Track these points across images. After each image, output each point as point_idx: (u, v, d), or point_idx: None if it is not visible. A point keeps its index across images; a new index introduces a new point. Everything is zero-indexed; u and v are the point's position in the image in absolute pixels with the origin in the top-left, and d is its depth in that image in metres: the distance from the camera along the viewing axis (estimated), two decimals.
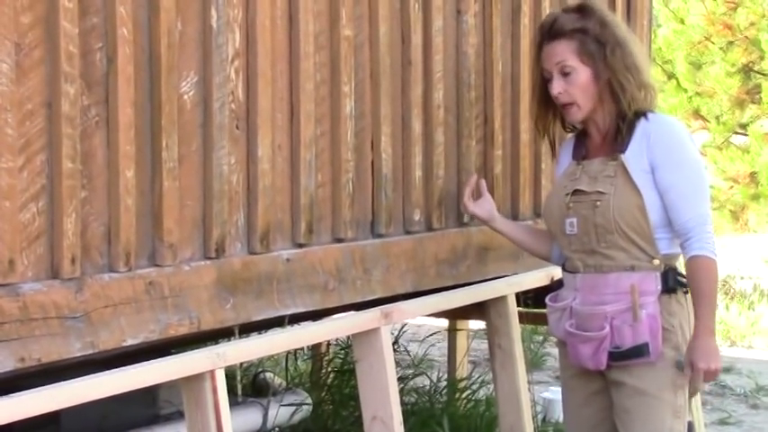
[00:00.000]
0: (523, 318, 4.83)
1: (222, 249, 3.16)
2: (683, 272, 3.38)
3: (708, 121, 13.47)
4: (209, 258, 3.13)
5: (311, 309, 3.43)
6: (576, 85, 3.31)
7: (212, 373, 2.88)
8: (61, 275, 2.75)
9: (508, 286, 4.03)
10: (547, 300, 3.53)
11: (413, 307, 3.67)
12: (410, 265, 3.79)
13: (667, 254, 3.36)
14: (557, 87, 3.33)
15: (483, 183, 3.81)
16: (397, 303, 3.59)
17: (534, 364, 7.82)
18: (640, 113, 3.33)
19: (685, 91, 13.45)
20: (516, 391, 3.99)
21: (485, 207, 3.76)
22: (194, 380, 2.89)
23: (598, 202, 3.31)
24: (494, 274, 4.04)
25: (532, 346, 7.92)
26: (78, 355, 2.78)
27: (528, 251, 3.77)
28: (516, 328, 4.04)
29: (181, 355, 2.92)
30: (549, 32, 3.34)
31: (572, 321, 3.40)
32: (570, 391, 3.54)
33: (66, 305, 2.75)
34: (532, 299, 4.62)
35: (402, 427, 3.47)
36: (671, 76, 13.58)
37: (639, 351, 3.30)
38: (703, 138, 13.84)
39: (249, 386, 4.66)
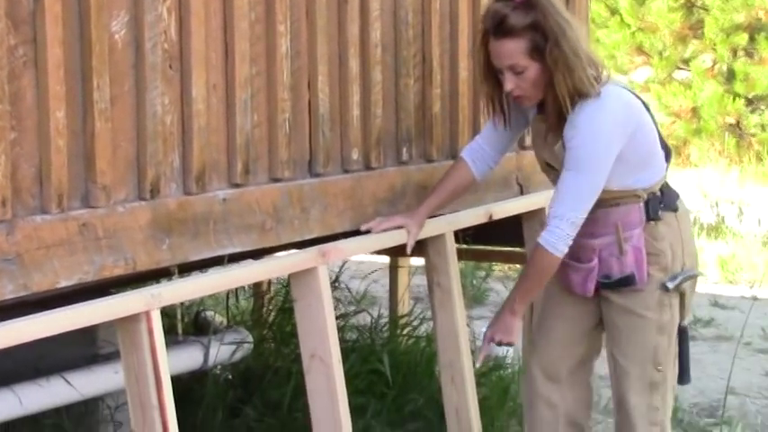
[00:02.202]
0: (463, 255, 4.91)
1: (157, 190, 3.12)
2: (674, 192, 3.62)
3: (651, 56, 13.51)
4: (144, 199, 3.09)
5: (249, 249, 3.41)
6: (527, 80, 3.43)
7: (148, 314, 2.86)
8: None
9: (446, 224, 4.02)
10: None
11: (350, 246, 3.65)
12: (348, 204, 3.77)
13: (647, 186, 3.57)
14: (509, 84, 3.45)
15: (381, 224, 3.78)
16: (334, 243, 3.57)
17: (476, 299, 7.86)
18: (586, 95, 3.41)
19: (628, 26, 13.46)
20: (455, 327, 4.00)
21: (410, 224, 3.76)
22: (129, 321, 2.87)
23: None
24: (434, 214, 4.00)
25: (474, 282, 7.99)
26: (10, 297, 2.75)
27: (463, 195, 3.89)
28: (455, 266, 4.03)
29: (115, 296, 2.90)
30: (497, 29, 3.40)
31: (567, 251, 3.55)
32: (548, 297, 3.78)
33: None
34: (472, 236, 4.67)
35: (341, 364, 3.48)
36: (614, 11, 13.56)
37: (626, 281, 3.58)
38: (646, 73, 13.89)
39: (191, 325, 4.66)
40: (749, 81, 12.85)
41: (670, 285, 3.59)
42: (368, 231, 3.76)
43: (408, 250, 3.77)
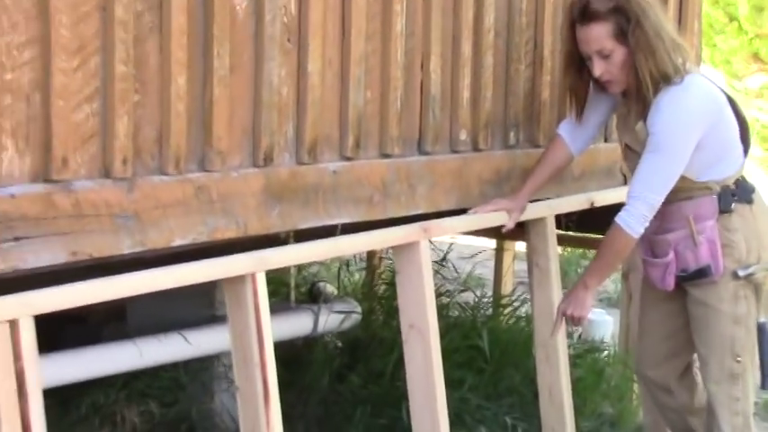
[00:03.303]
0: (565, 240, 4.81)
1: (270, 158, 3.04)
2: (750, 185, 3.52)
3: (766, 63, 13.10)
4: (258, 167, 3.02)
5: (356, 220, 3.32)
6: (615, 64, 3.35)
7: (253, 275, 2.79)
8: (113, 175, 2.65)
9: (547, 208, 3.90)
10: None
11: (451, 224, 3.56)
12: (455, 183, 3.67)
13: (720, 179, 3.46)
14: (598, 69, 3.37)
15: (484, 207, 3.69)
16: (436, 219, 3.47)
17: None
18: (672, 78, 3.32)
19: (746, 33, 13.09)
20: (551, 307, 3.86)
21: (512, 207, 3.68)
22: (236, 281, 2.81)
23: (637, 161, 3.40)
24: (536, 197, 3.86)
25: (579, 270, 7.85)
26: (128, 252, 2.69)
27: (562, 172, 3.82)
28: (554, 248, 3.92)
29: (224, 257, 2.81)
30: (582, 15, 3.35)
31: (645, 247, 3.58)
32: (643, 297, 3.79)
33: (117, 204, 2.65)
34: (576, 222, 4.53)
35: (437, 335, 3.37)
36: (732, 18, 13.18)
37: (703, 272, 3.48)
38: (761, 80, 13.50)
39: (307, 294, 4.65)
40: None
41: (741, 273, 3.47)
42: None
43: (505, 230, 3.67)
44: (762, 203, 3.56)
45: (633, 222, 3.37)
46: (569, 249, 7.21)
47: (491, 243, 5.43)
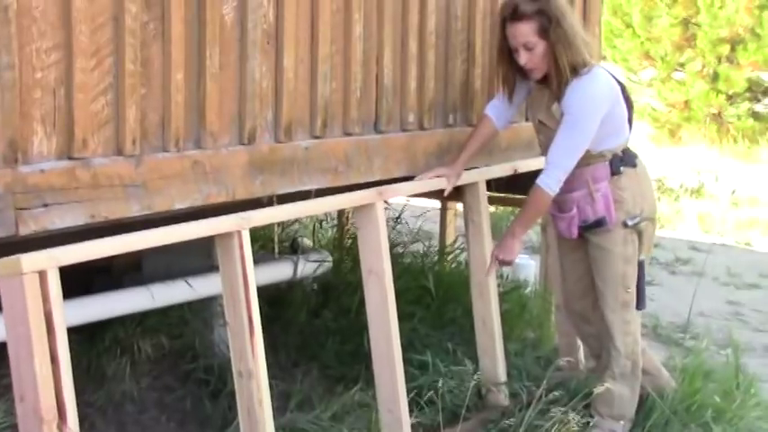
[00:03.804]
0: (494, 201, 4.78)
1: (253, 138, 3.02)
2: (633, 153, 3.54)
3: (655, 60, 13.27)
4: (243, 144, 2.99)
5: (324, 186, 3.30)
6: (537, 55, 3.37)
7: (239, 232, 2.75)
8: (124, 153, 2.63)
9: (479, 174, 3.87)
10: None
11: (402, 187, 3.53)
12: (404, 156, 3.64)
13: (611, 147, 3.48)
14: (523, 59, 3.39)
15: (428, 174, 3.64)
16: (390, 185, 3.45)
17: None
18: (580, 69, 3.35)
19: (639, 37, 13.23)
20: (484, 255, 3.85)
21: (450, 174, 3.63)
22: (226, 237, 2.78)
23: (550, 134, 3.44)
24: (470, 165, 3.85)
25: (507, 224, 7.77)
26: (137, 214, 2.67)
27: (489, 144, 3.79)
28: (485, 207, 3.89)
29: (216, 218, 2.79)
30: (512, 15, 3.37)
31: (554, 205, 3.58)
32: (559, 248, 3.83)
33: (127, 176, 2.63)
34: (503, 186, 4.47)
35: (392, 279, 3.35)
36: (628, 25, 13.34)
37: (600, 222, 3.51)
38: (651, 73, 13.63)
39: (288, 247, 4.59)
40: (729, 81, 12.58)
41: (629, 223, 3.52)
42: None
43: (446, 193, 3.65)
44: (643, 168, 3.61)
45: (552, 183, 3.40)
46: (499, 208, 7.21)
47: (436, 203, 5.37)
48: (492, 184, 4.24)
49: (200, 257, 3.81)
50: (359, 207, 3.32)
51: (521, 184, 4.41)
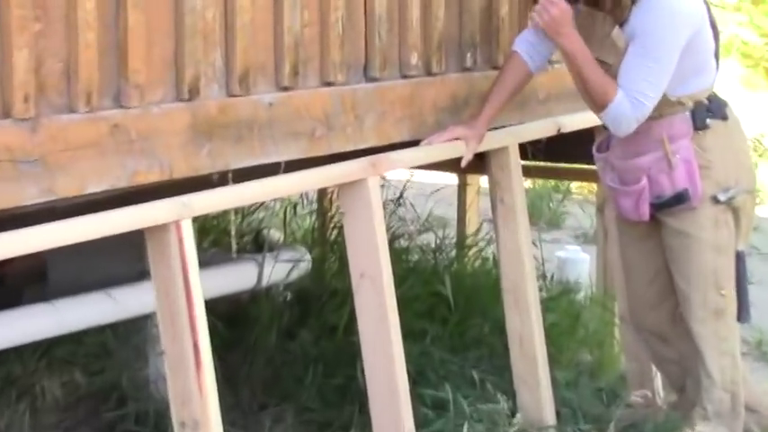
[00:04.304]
0: (532, 172, 4.78)
1: (196, 91, 2.96)
2: (722, 100, 3.54)
3: None
4: (182, 101, 2.93)
5: (297, 157, 3.25)
6: None
7: (177, 223, 2.71)
8: (13, 115, 2.55)
9: (510, 136, 3.86)
10: (593, 148, 3.74)
11: (403, 157, 3.51)
12: (406, 112, 3.61)
13: (693, 92, 3.48)
14: None
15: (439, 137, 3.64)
16: (386, 153, 3.42)
17: (552, 222, 7.82)
18: None
19: None
20: (518, 248, 3.85)
21: (469, 136, 3.61)
22: (159, 231, 2.73)
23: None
24: (497, 123, 3.82)
25: (551, 205, 7.88)
26: (34, 202, 2.60)
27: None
28: (519, 181, 3.89)
29: (144, 204, 2.74)
30: None
31: (613, 175, 3.60)
32: (622, 236, 3.82)
33: (19, 147, 2.56)
34: (543, 151, 4.49)
35: (392, 284, 3.33)
36: None
37: (680, 198, 3.50)
38: None
39: (251, 243, 4.62)
40: None
41: (722, 198, 3.50)
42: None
43: (464, 163, 3.63)
44: (736, 120, 3.59)
45: (634, 97, 3.36)
46: (537, 182, 7.22)
47: (453, 179, 5.39)
48: (528, 150, 4.24)
49: (127, 260, 3.78)
50: (346, 185, 3.29)
51: (567, 148, 4.44)
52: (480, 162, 3.84)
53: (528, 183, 5.05)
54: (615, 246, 4.07)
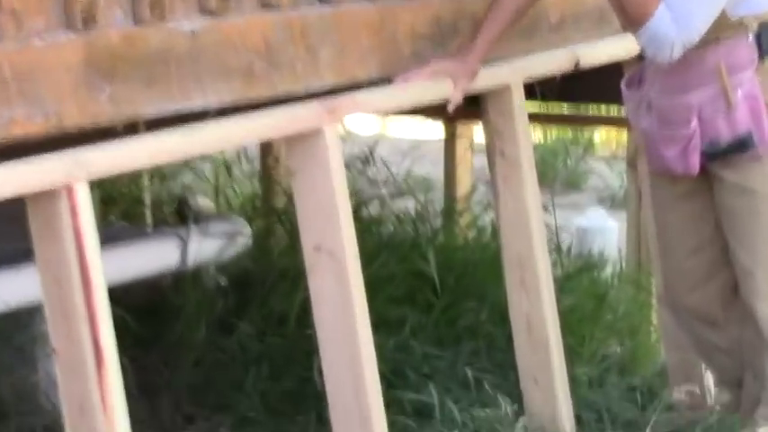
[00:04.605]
0: (542, 119, 4.79)
1: (92, 18, 2.95)
2: None
3: None
4: (74, 30, 2.93)
5: (229, 102, 3.27)
6: None
7: (69, 188, 2.72)
8: None
9: (512, 72, 3.88)
10: (622, 83, 3.78)
11: (371, 99, 3.52)
12: (375, 41, 3.63)
13: (761, 12, 3.55)
14: None
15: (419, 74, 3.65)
16: (348, 95, 3.43)
17: (571, 183, 7.87)
18: None
19: None
20: (525, 212, 3.90)
21: (459, 72, 3.63)
22: (44, 198, 2.74)
23: None
24: (495, 55, 3.82)
25: (569, 161, 7.91)
26: None
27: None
28: (525, 129, 3.91)
29: (23, 162, 2.72)
30: None
31: (650, 118, 3.64)
32: (659, 197, 3.86)
33: None
34: (556, 92, 4.55)
35: (357, 260, 3.35)
36: None
37: (742, 144, 3.55)
38: None
39: (173, 214, 4.72)
40: None
41: None
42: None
43: (451, 107, 3.64)
44: None
45: (672, 29, 3.41)
46: (552, 133, 7.25)
47: (438, 129, 5.41)
48: (536, 90, 4.30)
49: (6, 239, 3.78)
50: (295, 137, 3.30)
51: (587, 87, 4.46)
52: (473, 107, 3.88)
53: (538, 134, 5.03)
54: (650, 210, 4.11)
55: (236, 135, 3.36)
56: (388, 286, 4.30)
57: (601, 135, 8.11)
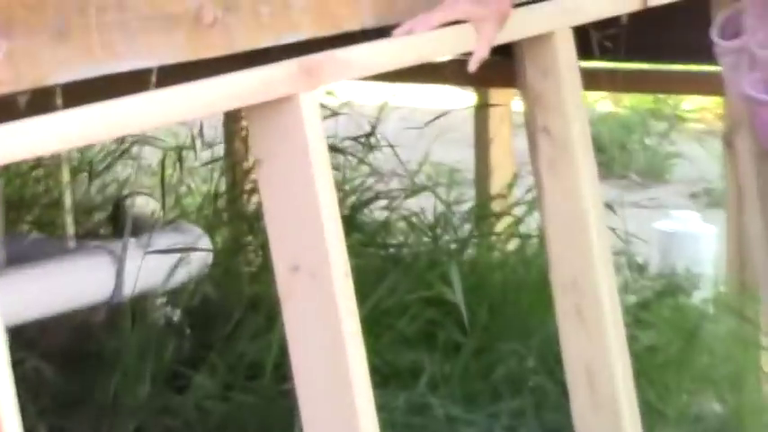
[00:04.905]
0: (602, 80, 4.76)
1: None
2: None
3: None
4: None
5: (171, 62, 3.28)
6: None
7: None
8: None
9: (557, 15, 3.91)
10: (712, 31, 3.74)
11: (363, 57, 3.52)
12: None
13: None
14: None
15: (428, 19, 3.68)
16: (331, 51, 3.42)
17: (651, 172, 7.84)
18: None
19: None
20: (578, 213, 3.92)
21: (482, 15, 3.65)
22: None
23: None
24: None
25: (647, 141, 7.90)
26: None
27: None
28: (576, 95, 3.94)
29: None
30: None
31: (754, 77, 3.62)
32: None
33: None
34: (621, 43, 4.57)
35: (350, 284, 3.34)
36: None
37: None
38: None
39: (106, 223, 4.79)
40: None
41: None
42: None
43: (472, 65, 3.62)
44: None
45: None
46: (625, 100, 7.24)
47: (464, 97, 5.39)
48: (593, 41, 4.36)
49: None
50: (260, 108, 3.29)
51: (663, 37, 4.45)
52: (502, 64, 3.92)
53: (604, 103, 4.97)
54: (759, 206, 4.12)
55: (181, 107, 3.32)
56: (396, 321, 4.34)
57: (693, 104, 8.09)
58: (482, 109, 5.40)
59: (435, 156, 5.37)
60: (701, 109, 8.19)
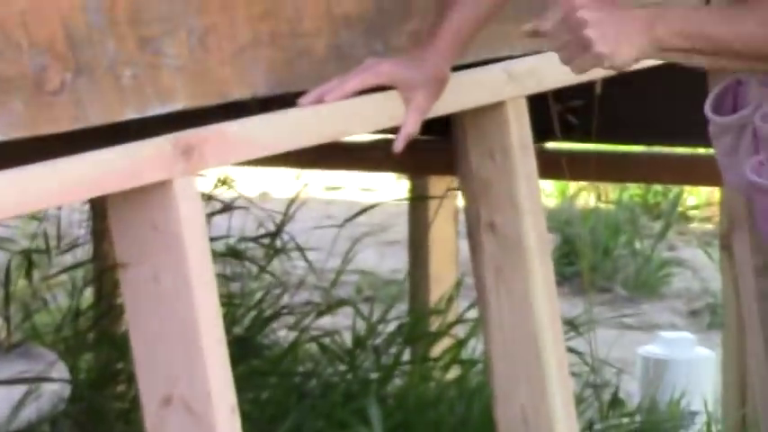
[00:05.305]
0: (560, 165, 4.78)
1: None
2: None
3: None
4: None
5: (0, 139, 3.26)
6: None
7: None
8: None
9: (509, 81, 3.93)
10: (707, 108, 3.85)
11: (254, 131, 3.56)
12: (264, 29, 3.73)
13: None
14: None
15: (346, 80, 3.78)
16: (218, 125, 3.47)
17: (643, 285, 7.89)
18: None
19: None
20: (531, 330, 3.95)
21: (412, 81, 3.73)
22: None
23: None
24: (475, 57, 3.92)
25: (638, 245, 7.94)
26: None
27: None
28: (531, 183, 3.99)
29: None
30: None
31: (759, 157, 3.70)
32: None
33: None
34: (597, 116, 4.58)
35: (235, 421, 3.39)
36: None
37: None
38: None
39: None
40: None
41: None
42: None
43: (399, 143, 3.70)
44: None
45: None
46: (609, 191, 7.30)
47: (398, 187, 5.42)
48: (552, 112, 4.39)
49: None
50: (124, 200, 3.30)
51: (645, 116, 4.48)
52: (445, 146, 3.97)
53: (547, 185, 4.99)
54: (759, 329, 4.15)
55: (14, 199, 3.30)
56: None
57: (699, 198, 8.15)
58: (418, 202, 5.42)
59: (361, 261, 5.37)
60: (707, 204, 8.23)
